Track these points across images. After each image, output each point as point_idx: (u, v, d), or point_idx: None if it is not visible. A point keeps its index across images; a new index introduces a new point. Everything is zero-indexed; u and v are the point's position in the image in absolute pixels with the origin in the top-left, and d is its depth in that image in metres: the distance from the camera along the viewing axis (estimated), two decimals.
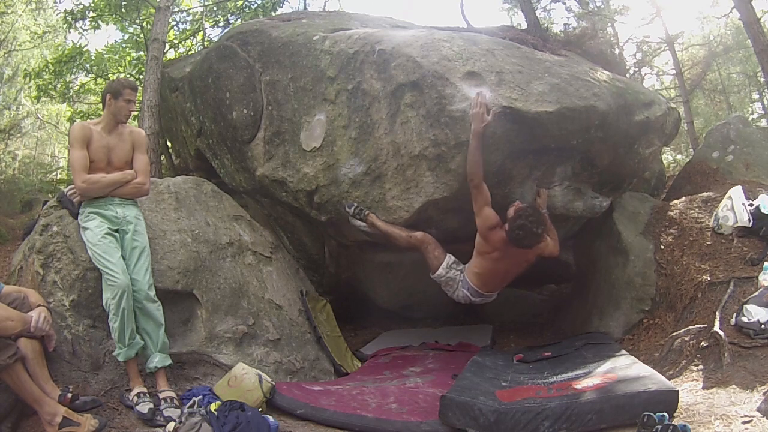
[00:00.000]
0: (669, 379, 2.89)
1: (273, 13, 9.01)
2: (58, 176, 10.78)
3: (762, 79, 10.12)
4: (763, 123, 12.86)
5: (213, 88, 4.92)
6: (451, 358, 4.34)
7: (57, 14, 10.36)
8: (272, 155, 4.44)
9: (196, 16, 10.24)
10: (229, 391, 2.83)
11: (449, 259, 3.78)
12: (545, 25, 7.67)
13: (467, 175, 3.39)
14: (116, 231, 2.91)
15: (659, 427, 2.27)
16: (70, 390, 2.52)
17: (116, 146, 3.00)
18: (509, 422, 2.52)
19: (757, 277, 3.42)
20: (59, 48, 10.76)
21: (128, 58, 9.74)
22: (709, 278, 3.69)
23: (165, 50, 7.13)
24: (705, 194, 4.63)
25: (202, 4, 10.25)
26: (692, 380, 2.96)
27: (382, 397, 3.17)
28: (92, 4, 8.51)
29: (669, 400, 2.53)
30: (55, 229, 3.07)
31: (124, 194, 2.99)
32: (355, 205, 3.95)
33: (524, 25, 6.80)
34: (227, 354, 3.30)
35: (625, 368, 3.01)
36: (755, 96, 14.66)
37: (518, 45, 4.22)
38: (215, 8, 9.88)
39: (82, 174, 2.85)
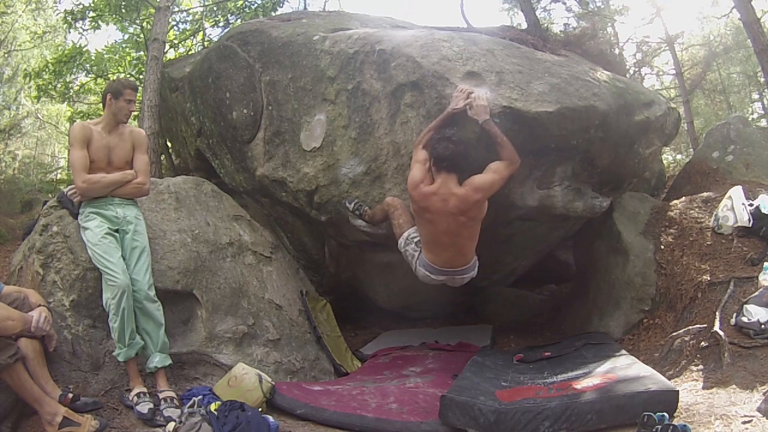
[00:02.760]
0: (669, 379, 2.90)
1: (273, 13, 9.00)
2: (58, 176, 10.76)
3: (762, 79, 10.12)
4: (763, 123, 12.86)
5: (213, 88, 4.92)
6: (451, 358, 4.33)
7: (57, 14, 10.36)
8: (272, 155, 4.44)
9: (196, 16, 10.24)
10: (229, 391, 2.83)
11: (410, 232, 3.41)
12: (545, 25, 7.67)
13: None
14: (116, 231, 2.91)
15: (659, 427, 2.27)
16: (71, 390, 2.53)
17: (116, 146, 3.00)
18: (509, 422, 2.52)
19: (757, 277, 3.42)
20: (59, 48, 10.73)
21: (128, 58, 9.73)
22: (709, 278, 3.69)
23: (165, 50, 7.13)
24: (705, 194, 4.63)
25: (202, 4, 10.25)
26: (692, 380, 2.96)
27: (382, 397, 3.18)
28: (92, 4, 8.50)
29: (669, 400, 2.53)
30: (55, 229, 3.07)
31: (125, 194, 3.00)
32: (356, 200, 3.96)
33: (524, 25, 6.79)
34: (227, 354, 3.30)
35: (625, 368, 3.02)
36: (755, 96, 14.67)
37: (518, 45, 4.22)
38: (215, 8, 9.88)
39: (83, 174, 2.85)
